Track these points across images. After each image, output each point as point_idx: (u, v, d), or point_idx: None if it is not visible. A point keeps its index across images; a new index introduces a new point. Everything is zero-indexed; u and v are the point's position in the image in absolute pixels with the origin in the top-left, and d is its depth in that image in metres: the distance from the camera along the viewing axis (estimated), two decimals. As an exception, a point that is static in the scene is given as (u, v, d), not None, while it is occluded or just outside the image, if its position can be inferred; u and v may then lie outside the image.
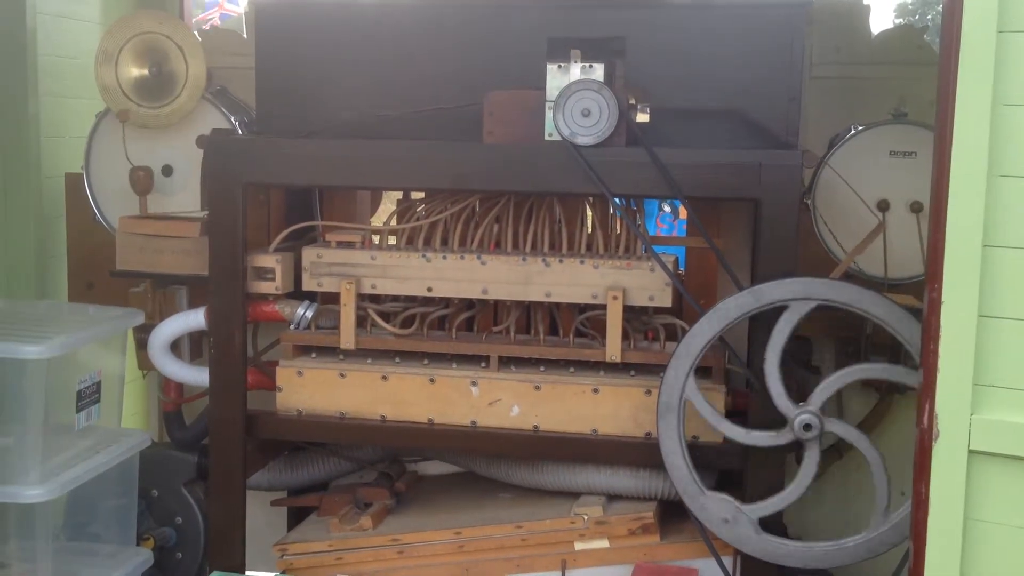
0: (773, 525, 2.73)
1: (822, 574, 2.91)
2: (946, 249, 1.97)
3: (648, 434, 2.83)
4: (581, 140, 2.72)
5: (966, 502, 1.98)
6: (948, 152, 1.96)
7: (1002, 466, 1.96)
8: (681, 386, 2.64)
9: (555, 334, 3.02)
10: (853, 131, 3.06)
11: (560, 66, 2.78)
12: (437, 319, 3.05)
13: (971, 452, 1.97)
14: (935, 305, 1.98)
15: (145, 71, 3.21)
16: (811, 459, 2.63)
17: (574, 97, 2.71)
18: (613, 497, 2.99)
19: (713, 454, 2.80)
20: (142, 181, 3.19)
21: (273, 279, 3.01)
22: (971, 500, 1.98)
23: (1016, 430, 1.94)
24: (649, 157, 2.69)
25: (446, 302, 3.04)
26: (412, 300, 3.04)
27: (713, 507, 2.66)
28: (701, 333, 2.63)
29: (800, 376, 2.69)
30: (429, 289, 2.94)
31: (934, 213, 2.00)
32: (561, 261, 2.88)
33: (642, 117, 2.86)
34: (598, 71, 2.76)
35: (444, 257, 2.93)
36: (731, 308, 2.61)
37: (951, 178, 1.96)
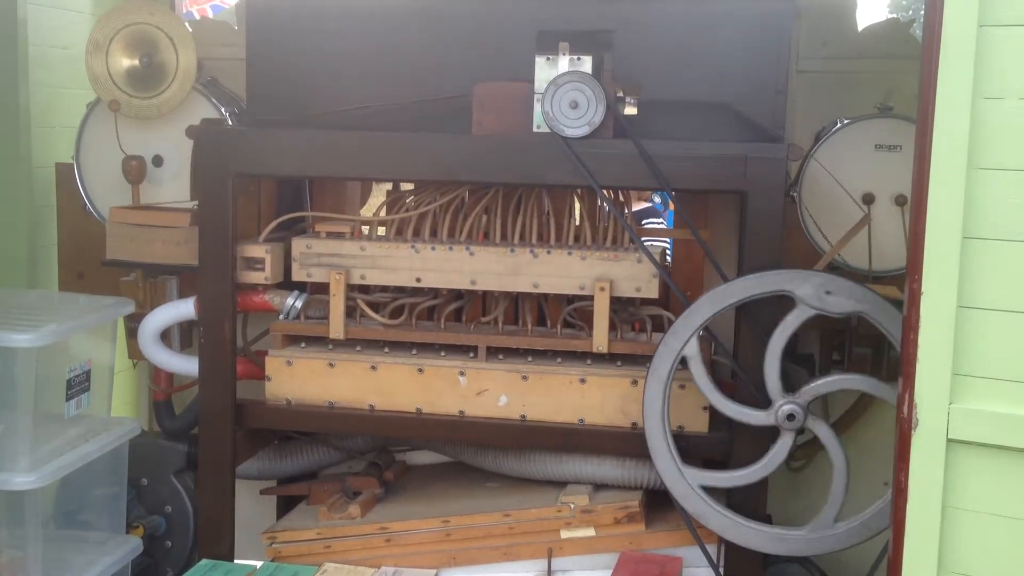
0: (756, 513, 2.76)
1: (805, 562, 2.94)
2: (926, 241, 1.99)
3: (634, 424, 2.86)
4: (569, 132, 2.74)
5: (944, 490, 2.00)
6: (929, 145, 1.98)
7: (980, 455, 1.98)
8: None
9: (543, 325, 3.04)
10: (839, 125, 3.08)
11: (549, 58, 2.79)
12: (426, 309, 3.07)
13: (950, 441, 1.99)
14: (915, 296, 2.00)
15: (135, 61, 3.21)
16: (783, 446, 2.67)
17: (562, 89, 2.73)
18: (599, 486, 3.02)
19: (697, 443, 2.83)
20: (135, 171, 3.20)
21: (263, 269, 3.02)
22: (949, 488, 2.00)
23: (994, 419, 1.97)
24: (636, 149, 2.71)
25: (435, 293, 3.06)
26: (401, 291, 3.06)
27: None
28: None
29: (786, 367, 2.70)
30: (418, 280, 2.96)
31: (915, 205, 2.02)
32: (549, 252, 2.90)
33: (630, 110, 2.87)
34: (586, 64, 2.78)
35: (433, 248, 2.94)
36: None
37: (932, 170, 1.97)
